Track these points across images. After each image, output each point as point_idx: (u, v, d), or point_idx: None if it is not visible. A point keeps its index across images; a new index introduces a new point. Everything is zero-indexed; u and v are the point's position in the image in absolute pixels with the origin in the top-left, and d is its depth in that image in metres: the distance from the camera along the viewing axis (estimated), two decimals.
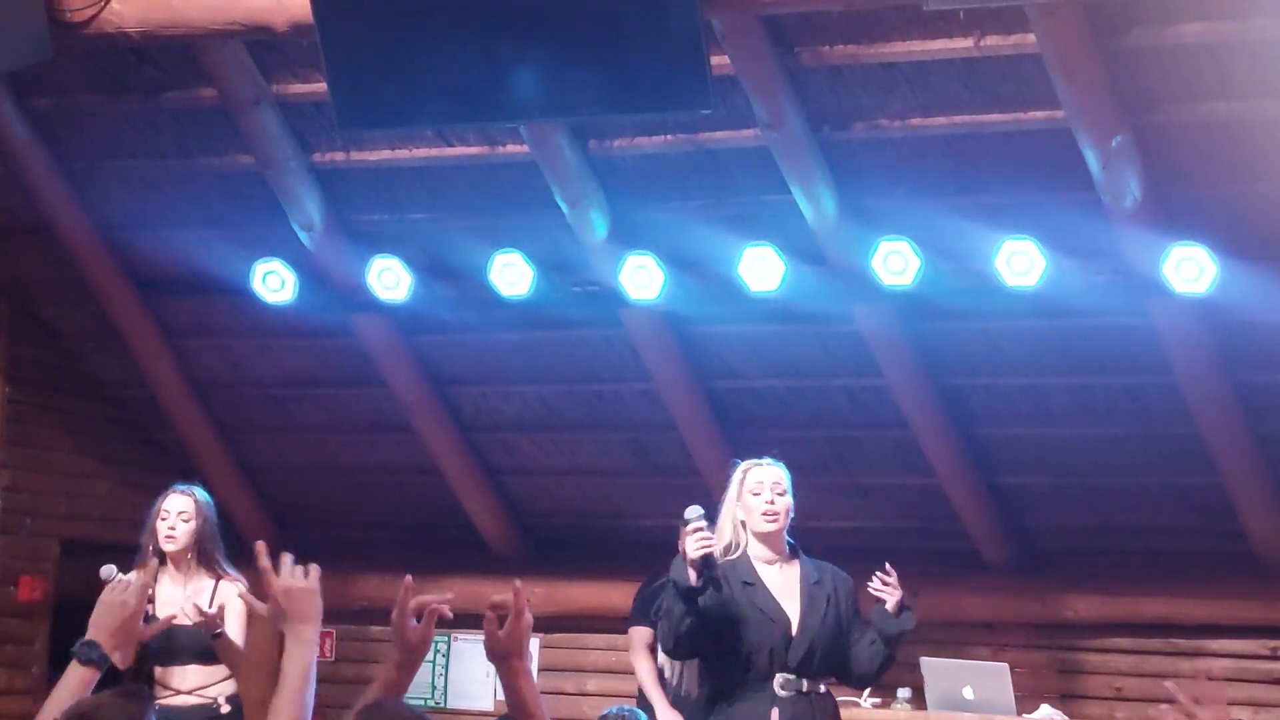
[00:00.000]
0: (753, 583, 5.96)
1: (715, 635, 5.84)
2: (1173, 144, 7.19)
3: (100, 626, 3.89)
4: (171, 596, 6.74)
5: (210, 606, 6.68)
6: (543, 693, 3.86)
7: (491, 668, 9.72)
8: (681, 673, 6.33)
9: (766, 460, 6.14)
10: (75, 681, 3.81)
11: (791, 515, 6.06)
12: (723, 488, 9.17)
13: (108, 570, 5.81)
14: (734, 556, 5.99)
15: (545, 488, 9.53)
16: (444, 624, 3.72)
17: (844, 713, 8.04)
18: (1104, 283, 7.53)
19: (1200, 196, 7.32)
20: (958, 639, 8.77)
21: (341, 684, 9.71)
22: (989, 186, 7.54)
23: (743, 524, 6.04)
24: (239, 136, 8.16)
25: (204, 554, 6.93)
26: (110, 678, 4.01)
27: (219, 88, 7.93)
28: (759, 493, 6.03)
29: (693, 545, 5.73)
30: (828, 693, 6.13)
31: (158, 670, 6.89)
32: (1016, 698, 7.96)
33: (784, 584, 6.01)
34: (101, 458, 9.65)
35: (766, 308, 8.00)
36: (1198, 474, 8.23)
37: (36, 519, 9.33)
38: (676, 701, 7.17)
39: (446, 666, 9.64)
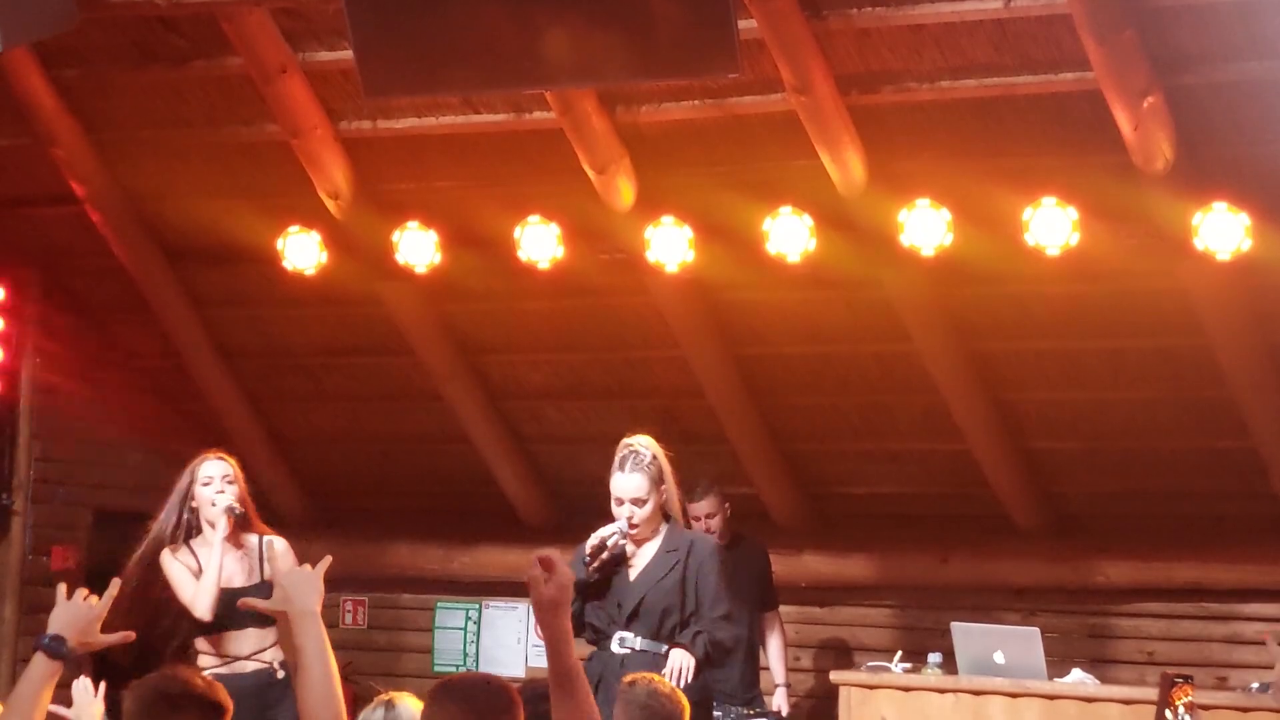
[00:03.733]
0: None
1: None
2: (1205, 105, 7.13)
3: (67, 625, 3.90)
4: (226, 562, 6.87)
5: (261, 566, 6.91)
6: None
7: (522, 634, 9.67)
8: None
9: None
10: (40, 674, 3.85)
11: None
12: (753, 455, 9.15)
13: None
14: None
15: (574, 455, 9.51)
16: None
17: (874, 678, 8.09)
18: (1135, 245, 7.48)
19: (1232, 157, 7.26)
20: (988, 604, 8.77)
21: (374, 651, 9.74)
22: (1019, 149, 7.49)
23: None
24: (266, 105, 8.15)
25: (243, 516, 7.02)
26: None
27: (246, 56, 7.91)
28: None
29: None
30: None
31: (209, 639, 6.91)
32: (1047, 662, 7.94)
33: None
34: (132, 428, 9.68)
35: (795, 274, 7.96)
36: (1230, 437, 8.18)
37: (68, 489, 9.38)
38: None
39: (478, 633, 9.65)
